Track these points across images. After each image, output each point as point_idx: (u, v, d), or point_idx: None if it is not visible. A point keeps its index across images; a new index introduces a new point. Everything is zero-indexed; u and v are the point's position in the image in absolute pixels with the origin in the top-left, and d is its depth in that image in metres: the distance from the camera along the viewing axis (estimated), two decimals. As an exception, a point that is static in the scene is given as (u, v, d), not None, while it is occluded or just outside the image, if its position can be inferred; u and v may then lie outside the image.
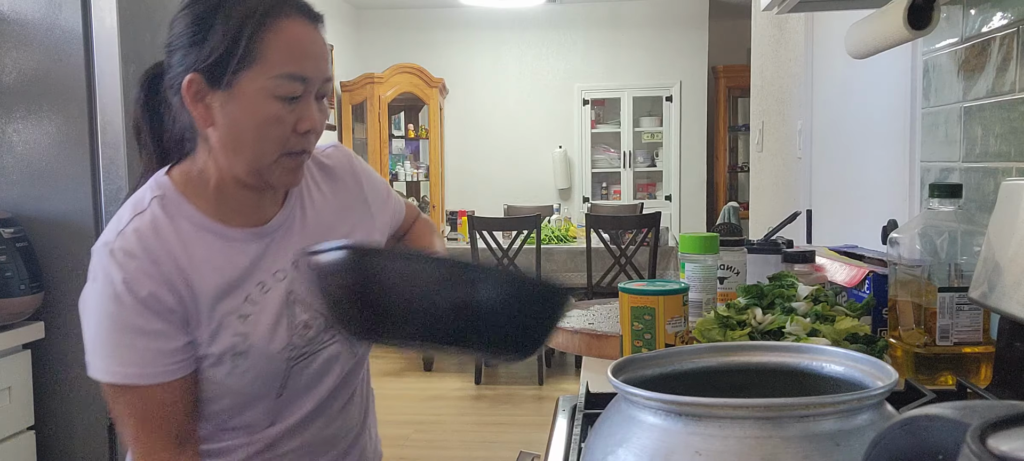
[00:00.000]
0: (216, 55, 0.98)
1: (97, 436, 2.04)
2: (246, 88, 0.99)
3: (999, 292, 1.02)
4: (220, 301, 1.04)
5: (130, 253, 1.00)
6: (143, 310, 1.00)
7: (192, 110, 1.01)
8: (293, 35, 1.00)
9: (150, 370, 1.01)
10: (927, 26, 1.40)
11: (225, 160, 1.04)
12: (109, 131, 1.98)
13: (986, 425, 0.44)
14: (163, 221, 1.03)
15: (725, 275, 1.60)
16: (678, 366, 0.80)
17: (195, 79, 1.00)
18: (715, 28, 7.39)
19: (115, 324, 1.00)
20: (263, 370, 1.06)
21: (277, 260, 1.09)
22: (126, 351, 1.00)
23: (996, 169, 1.37)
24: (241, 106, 0.99)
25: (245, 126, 1.00)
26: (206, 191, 1.06)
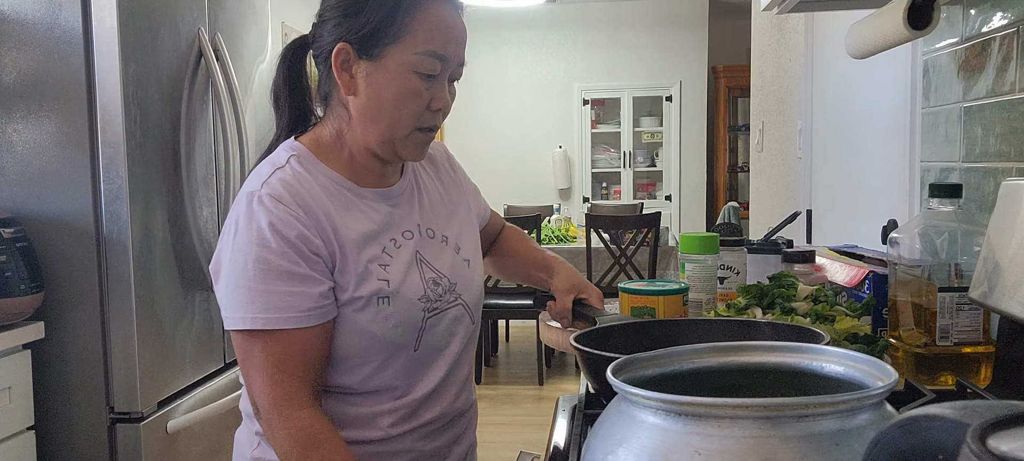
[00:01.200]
0: (369, 27, 1.06)
1: (97, 436, 2.04)
2: (391, 61, 1.07)
3: (999, 292, 1.02)
4: (362, 249, 1.09)
5: (278, 198, 1.04)
6: (290, 253, 1.03)
7: (338, 77, 1.09)
8: (439, 17, 1.10)
9: (294, 314, 1.02)
10: (927, 26, 1.40)
11: (362, 128, 1.11)
12: (109, 131, 1.98)
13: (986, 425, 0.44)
14: (304, 174, 1.09)
15: (725, 275, 1.60)
16: (678, 366, 0.80)
17: (345, 48, 1.07)
18: (715, 28, 7.39)
19: (261, 268, 1.02)
20: (404, 317, 1.10)
21: (403, 221, 1.16)
22: (271, 296, 1.02)
23: (996, 169, 1.37)
24: (385, 77, 1.07)
25: (386, 96, 1.08)
26: (338, 155, 1.13)
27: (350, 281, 1.08)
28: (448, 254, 1.20)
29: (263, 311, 1.02)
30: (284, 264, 1.03)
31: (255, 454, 1.16)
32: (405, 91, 1.08)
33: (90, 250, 2.01)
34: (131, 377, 2.03)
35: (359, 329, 1.08)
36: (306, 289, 1.03)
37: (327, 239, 1.06)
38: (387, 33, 1.06)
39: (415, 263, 1.14)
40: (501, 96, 7.40)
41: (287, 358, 1.03)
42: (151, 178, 2.10)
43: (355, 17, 1.07)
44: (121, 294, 2.01)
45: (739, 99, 7.47)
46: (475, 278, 1.24)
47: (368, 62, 1.08)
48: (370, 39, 1.07)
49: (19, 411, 1.94)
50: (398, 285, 1.10)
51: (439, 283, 1.16)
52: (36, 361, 2.00)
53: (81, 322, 2.02)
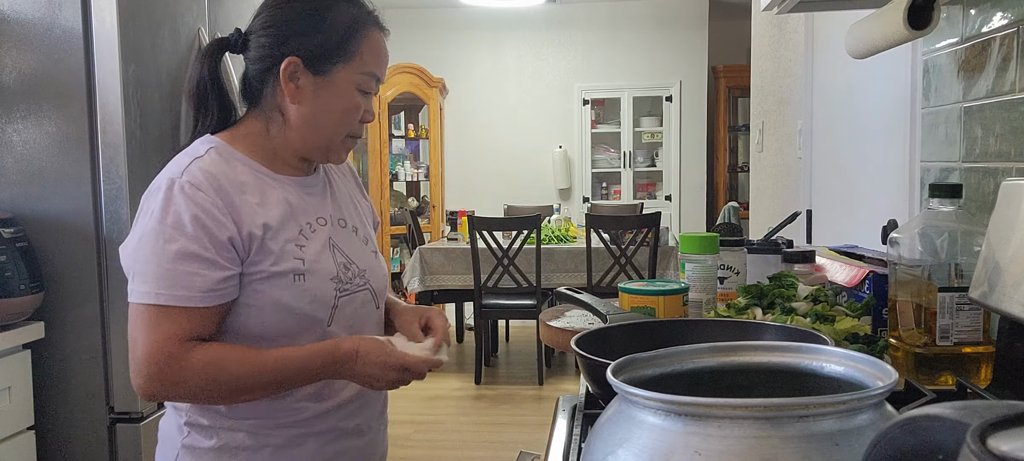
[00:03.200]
0: (323, 48, 1.19)
1: (97, 436, 2.04)
2: (340, 78, 1.21)
3: (999, 292, 1.02)
4: (279, 231, 1.19)
5: (197, 185, 1.14)
6: (202, 238, 1.12)
7: (284, 86, 1.20)
8: (379, 43, 1.25)
9: (196, 293, 1.11)
10: (927, 26, 1.40)
11: (300, 133, 1.22)
12: (109, 131, 1.98)
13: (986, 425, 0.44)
14: (221, 163, 1.19)
15: (725, 275, 1.60)
16: (678, 366, 0.80)
17: (295, 62, 1.19)
18: (715, 28, 7.38)
19: (172, 249, 1.11)
20: (317, 293, 1.20)
21: (318, 209, 1.27)
22: (177, 275, 1.11)
23: (996, 169, 1.37)
24: (332, 92, 1.21)
25: (332, 109, 1.21)
26: (260, 148, 1.24)
27: (267, 259, 1.17)
28: (358, 243, 1.31)
29: (167, 288, 1.10)
30: (193, 248, 1.11)
31: (186, 442, 1.23)
32: (348, 105, 1.22)
33: (90, 250, 2.01)
34: (131, 377, 2.03)
35: (276, 303, 1.17)
36: (209, 273, 1.12)
37: (241, 225, 1.15)
38: (338, 54, 1.20)
39: (328, 247, 1.25)
40: (501, 96, 7.40)
41: (180, 331, 1.11)
42: (151, 178, 2.09)
43: (308, 36, 1.19)
44: (121, 294, 2.00)
45: (739, 99, 7.47)
46: (381, 267, 1.36)
47: (317, 77, 1.20)
48: (322, 57, 1.19)
49: (19, 411, 1.94)
50: (313, 264, 1.20)
51: (349, 267, 1.26)
52: (36, 361, 2.00)
53: (81, 322, 2.02)
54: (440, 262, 5.19)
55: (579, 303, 1.43)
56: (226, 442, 1.21)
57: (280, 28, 1.21)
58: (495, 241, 4.89)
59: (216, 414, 1.21)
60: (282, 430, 1.22)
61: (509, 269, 4.92)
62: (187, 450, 1.23)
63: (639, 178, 7.49)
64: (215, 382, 1.13)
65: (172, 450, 1.25)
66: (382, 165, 6.74)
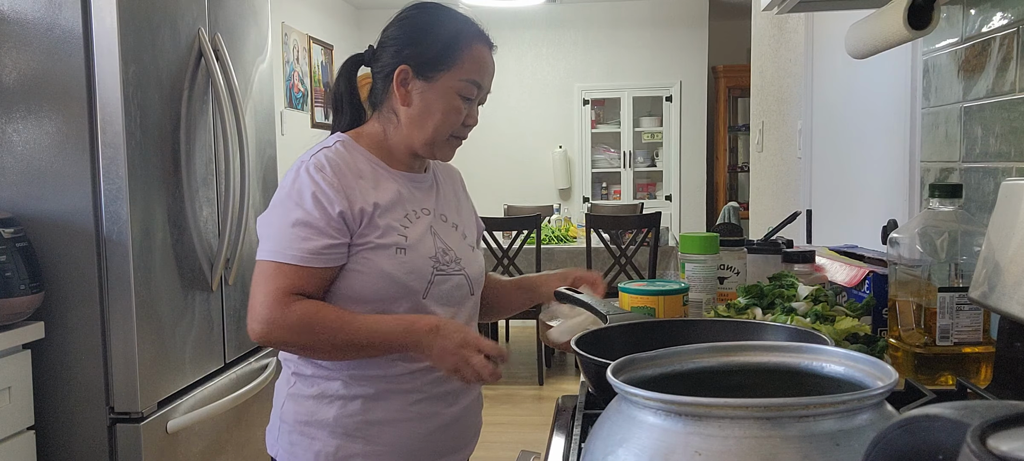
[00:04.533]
0: (428, 56, 1.38)
1: (97, 436, 2.04)
2: (442, 84, 1.38)
3: (999, 292, 1.02)
4: (386, 212, 1.36)
5: (319, 168, 1.33)
6: (314, 212, 1.30)
7: (396, 90, 1.39)
8: (481, 55, 1.41)
9: (307, 255, 1.30)
10: (927, 26, 1.40)
11: (409, 131, 1.40)
12: (109, 131, 1.98)
13: (986, 425, 0.44)
14: (344, 153, 1.38)
15: (725, 275, 1.60)
16: (678, 366, 0.80)
17: (405, 69, 1.38)
18: (715, 28, 7.38)
19: (291, 217, 1.31)
20: (415, 266, 1.37)
21: (423, 201, 1.45)
22: (293, 239, 1.30)
23: (996, 169, 1.37)
24: (435, 95, 1.38)
25: (435, 110, 1.38)
26: (379, 145, 1.43)
27: (374, 232, 1.34)
28: (457, 237, 1.48)
29: (283, 248, 1.30)
30: (307, 217, 1.30)
31: (291, 391, 1.40)
32: (449, 108, 1.39)
33: (90, 250, 2.01)
34: (131, 377, 2.03)
35: (380, 271, 1.34)
36: (317, 240, 1.30)
37: (354, 203, 1.33)
38: (442, 62, 1.38)
39: (429, 232, 1.42)
40: (501, 96, 7.39)
41: (290, 285, 1.29)
42: (151, 178, 2.10)
43: (417, 45, 1.39)
44: (121, 294, 2.01)
45: (739, 99, 7.47)
46: (478, 259, 1.52)
47: (423, 82, 1.38)
48: (428, 65, 1.38)
49: (19, 411, 1.94)
50: (413, 242, 1.38)
51: (448, 253, 1.43)
52: (36, 361, 2.00)
53: (81, 322, 2.02)
54: (440, 262, 5.18)
55: (579, 303, 1.43)
56: (323, 390, 1.38)
57: (397, 42, 1.40)
58: (495, 241, 4.89)
59: (316, 366, 1.38)
60: (373, 382, 1.38)
61: (509, 269, 4.92)
62: (292, 398, 1.40)
63: (639, 178, 7.49)
64: (311, 331, 1.29)
65: (280, 399, 1.43)
66: (382, 165, 6.74)
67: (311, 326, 1.29)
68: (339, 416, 1.37)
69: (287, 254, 1.30)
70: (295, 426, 1.39)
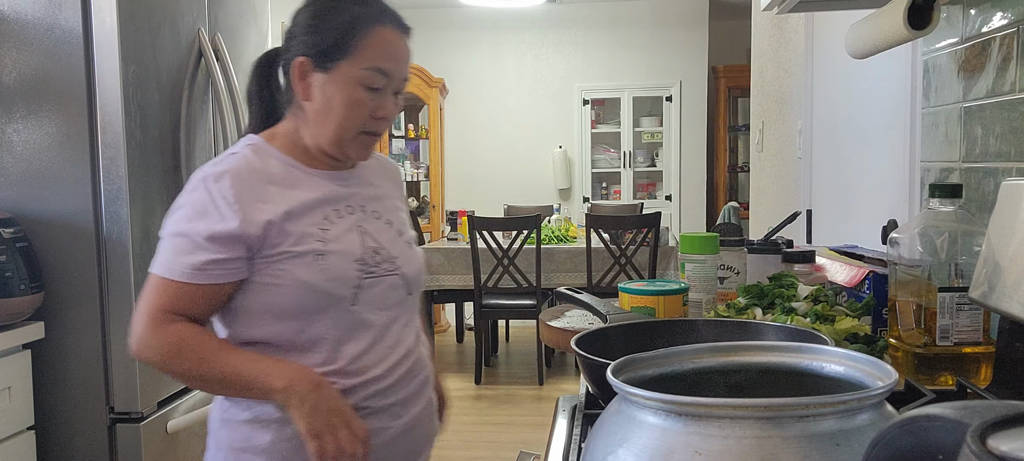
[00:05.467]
0: (325, 44, 1.26)
1: (97, 436, 2.04)
2: (341, 74, 1.26)
3: (999, 292, 1.02)
4: (300, 217, 1.27)
5: (218, 178, 1.24)
6: (200, 224, 1.22)
7: (296, 85, 1.29)
8: (385, 39, 1.29)
9: (186, 270, 1.22)
10: (927, 26, 1.40)
11: (315, 128, 1.30)
12: (109, 131, 1.98)
13: (986, 425, 0.44)
14: (253, 159, 1.28)
15: (725, 275, 1.60)
16: (678, 366, 0.80)
17: (304, 61, 1.28)
18: (715, 28, 7.38)
19: (178, 230, 1.23)
20: (338, 272, 1.27)
21: (348, 198, 1.34)
22: (173, 253, 1.23)
23: (996, 169, 1.37)
24: (335, 87, 1.27)
25: (336, 104, 1.27)
26: (294, 145, 1.33)
27: (287, 240, 1.25)
28: (391, 234, 1.38)
29: (163, 262, 1.23)
30: (194, 230, 1.22)
31: (224, 416, 1.32)
32: (351, 100, 1.27)
33: (90, 250, 2.01)
34: (131, 377, 2.03)
35: (298, 281, 1.25)
36: (200, 255, 1.21)
37: (255, 216, 1.23)
38: (339, 50, 1.26)
39: (355, 231, 1.32)
40: (501, 96, 7.40)
41: (167, 303, 1.23)
42: (151, 178, 2.10)
43: (314, 34, 1.28)
44: (121, 294, 2.01)
45: (739, 99, 7.47)
46: (416, 257, 1.42)
47: (322, 73, 1.27)
48: (325, 54, 1.27)
49: (19, 411, 1.94)
50: (333, 244, 1.28)
51: (379, 252, 1.33)
52: (36, 361, 2.00)
53: (81, 322, 2.02)
54: (440, 262, 5.19)
55: (579, 303, 1.43)
56: (257, 414, 1.28)
57: (295, 30, 1.31)
58: (495, 241, 4.89)
59: None
60: None
61: (509, 269, 4.92)
62: (226, 424, 1.31)
63: (639, 178, 7.49)
64: (179, 358, 1.22)
65: (215, 424, 1.34)
66: (382, 165, 6.73)
67: (180, 352, 1.22)
68: (275, 441, 1.27)
69: (170, 268, 1.22)
70: (230, 453, 1.30)
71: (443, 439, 4.56)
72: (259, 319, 1.27)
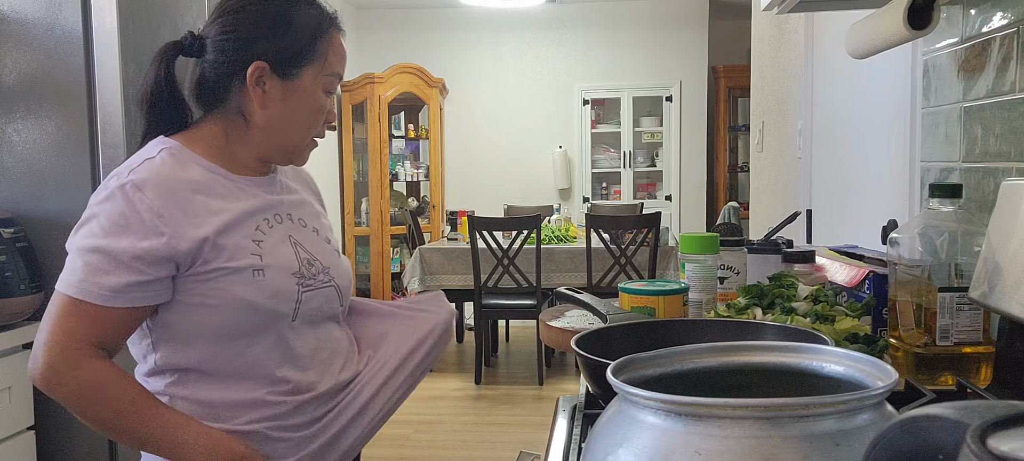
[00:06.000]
0: (290, 50, 1.20)
1: (97, 436, 2.04)
2: (307, 80, 1.22)
3: (999, 292, 1.02)
4: (233, 230, 1.18)
5: (139, 187, 1.12)
6: (122, 240, 1.10)
7: (251, 91, 1.20)
8: (339, 42, 1.26)
9: (106, 293, 1.10)
10: (927, 26, 1.40)
11: (266, 137, 1.23)
12: (109, 131, 1.98)
13: (986, 425, 0.44)
14: (173, 165, 1.17)
15: (725, 275, 1.60)
16: (678, 366, 0.80)
17: (262, 66, 1.19)
18: (715, 28, 7.38)
19: (91, 247, 1.11)
20: (279, 287, 1.19)
21: (276, 207, 1.26)
22: (91, 273, 1.10)
23: (996, 169, 1.37)
24: (301, 95, 1.22)
25: (302, 111, 1.22)
26: (217, 151, 1.23)
27: (221, 255, 1.15)
28: (320, 242, 1.31)
29: (79, 281, 1.10)
30: (112, 248, 1.10)
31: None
32: (316, 106, 1.24)
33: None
34: (131, 377, 2.03)
35: (237, 299, 1.16)
36: (120, 277, 1.10)
37: (184, 232, 1.13)
38: (305, 57, 1.21)
39: (289, 243, 1.25)
40: (501, 96, 7.40)
41: (84, 331, 1.10)
42: (151, 178, 2.10)
43: (276, 39, 1.20)
44: (121, 294, 2.01)
45: (739, 99, 7.46)
46: (345, 266, 1.36)
47: (283, 80, 1.21)
48: (290, 61, 1.20)
49: (19, 411, 1.94)
50: (271, 258, 1.20)
51: (313, 264, 1.27)
52: (36, 361, 2.00)
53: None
54: (440, 262, 5.19)
55: (579, 303, 1.43)
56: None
57: (244, 32, 1.20)
58: (495, 241, 4.89)
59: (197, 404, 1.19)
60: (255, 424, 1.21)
61: (509, 269, 4.92)
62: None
63: (639, 178, 7.49)
64: (95, 403, 1.11)
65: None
66: (382, 165, 6.74)
67: (95, 397, 1.10)
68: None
69: (84, 290, 1.10)
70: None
71: (443, 439, 4.56)
72: (191, 342, 1.17)
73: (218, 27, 1.21)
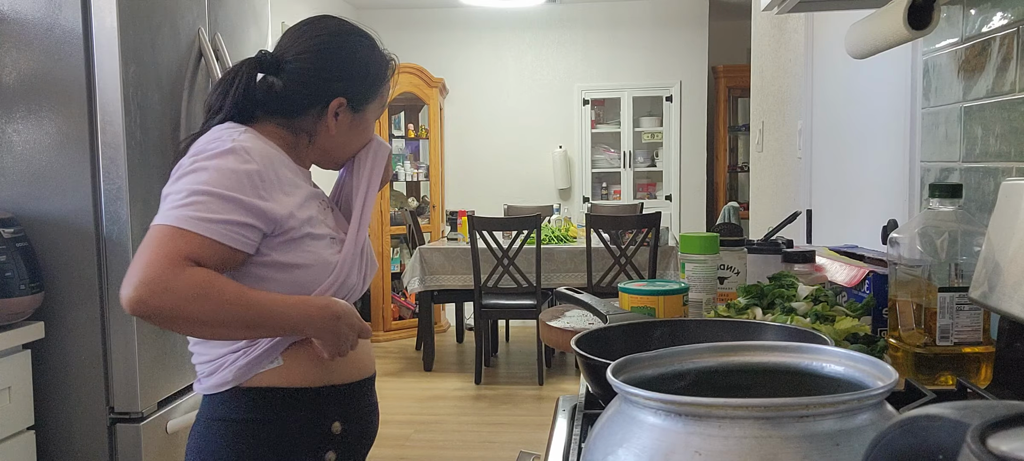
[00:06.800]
0: (366, 93, 1.43)
1: (97, 436, 2.04)
2: (369, 114, 1.46)
3: (999, 292, 1.02)
4: (308, 204, 1.34)
5: (249, 151, 1.25)
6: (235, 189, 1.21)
7: (327, 121, 1.40)
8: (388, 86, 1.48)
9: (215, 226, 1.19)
10: (927, 26, 1.40)
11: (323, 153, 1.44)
12: (109, 131, 1.98)
13: (986, 425, 0.44)
14: (264, 142, 1.31)
15: (725, 275, 1.60)
16: (678, 366, 0.79)
17: (343, 102, 1.40)
18: (715, 28, 7.38)
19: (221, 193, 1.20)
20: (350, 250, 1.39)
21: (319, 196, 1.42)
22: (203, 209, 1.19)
23: (996, 169, 1.37)
24: (361, 126, 1.45)
25: (359, 139, 1.46)
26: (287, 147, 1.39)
27: (308, 224, 1.32)
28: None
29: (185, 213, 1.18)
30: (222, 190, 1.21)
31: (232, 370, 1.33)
32: (369, 134, 1.48)
33: (90, 250, 2.01)
34: (131, 377, 2.03)
35: (323, 261, 1.33)
36: (229, 214, 1.21)
37: (276, 198, 1.27)
38: (372, 96, 1.44)
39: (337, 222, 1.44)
40: (501, 96, 7.40)
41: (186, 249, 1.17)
42: (151, 178, 2.10)
43: (356, 82, 1.41)
44: (121, 294, 2.01)
45: (739, 99, 7.47)
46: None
47: (353, 114, 1.43)
48: (363, 99, 1.43)
49: (19, 411, 1.94)
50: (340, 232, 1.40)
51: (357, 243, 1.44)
52: (36, 361, 2.00)
53: (81, 322, 2.02)
54: (440, 262, 5.19)
55: (579, 303, 1.43)
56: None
57: (331, 73, 1.39)
58: (495, 241, 4.89)
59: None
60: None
61: (509, 269, 4.92)
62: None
63: (639, 178, 7.49)
64: (205, 299, 1.17)
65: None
66: (382, 165, 6.73)
67: (206, 293, 1.16)
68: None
69: (189, 219, 1.17)
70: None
71: (443, 439, 4.56)
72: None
73: (306, 61, 1.38)
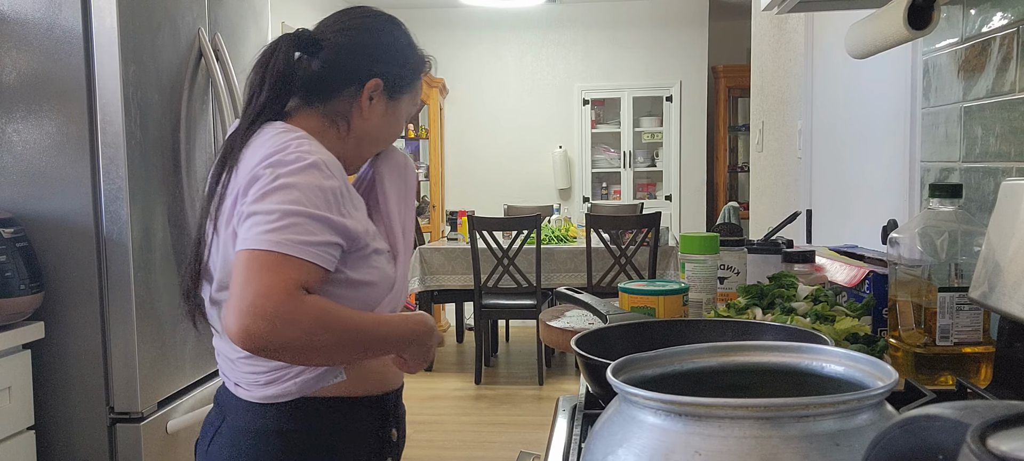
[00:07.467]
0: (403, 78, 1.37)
1: (97, 436, 2.04)
2: (402, 107, 1.39)
3: (999, 292, 1.02)
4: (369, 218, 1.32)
5: (330, 167, 1.21)
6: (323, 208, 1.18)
7: (362, 101, 1.33)
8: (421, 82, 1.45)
9: (313, 250, 1.16)
10: (927, 26, 1.40)
11: (355, 144, 1.36)
12: (109, 131, 1.98)
13: (986, 425, 0.44)
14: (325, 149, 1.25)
15: (725, 275, 1.60)
16: (678, 366, 0.79)
17: (379, 83, 1.33)
18: (715, 28, 7.38)
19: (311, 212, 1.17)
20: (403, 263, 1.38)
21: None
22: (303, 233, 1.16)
23: (996, 169, 1.37)
24: (395, 116, 1.39)
25: (390, 131, 1.39)
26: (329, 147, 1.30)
27: (374, 240, 1.29)
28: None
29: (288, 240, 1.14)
30: (317, 214, 1.17)
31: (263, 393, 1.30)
32: (398, 130, 1.42)
33: (90, 250, 2.01)
34: (131, 377, 2.03)
35: (386, 276, 1.31)
36: (325, 236, 1.18)
37: (352, 214, 1.24)
38: (409, 85, 1.39)
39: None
40: (501, 96, 7.40)
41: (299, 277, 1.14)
42: (151, 178, 2.10)
43: (395, 66, 1.36)
44: (121, 294, 2.01)
45: (739, 99, 7.47)
46: None
47: (388, 101, 1.36)
48: (399, 87, 1.37)
49: (19, 411, 1.94)
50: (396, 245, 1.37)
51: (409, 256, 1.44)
52: (36, 361, 2.00)
53: (81, 322, 2.02)
54: (440, 262, 5.19)
55: (579, 303, 1.43)
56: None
57: (372, 51, 1.34)
58: (495, 241, 4.89)
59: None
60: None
61: (509, 269, 4.92)
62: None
63: (639, 178, 7.49)
64: (326, 329, 1.15)
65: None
66: (382, 165, 6.72)
67: (326, 323, 1.15)
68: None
69: (292, 244, 1.14)
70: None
71: (443, 439, 4.55)
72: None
73: (347, 36, 1.33)
